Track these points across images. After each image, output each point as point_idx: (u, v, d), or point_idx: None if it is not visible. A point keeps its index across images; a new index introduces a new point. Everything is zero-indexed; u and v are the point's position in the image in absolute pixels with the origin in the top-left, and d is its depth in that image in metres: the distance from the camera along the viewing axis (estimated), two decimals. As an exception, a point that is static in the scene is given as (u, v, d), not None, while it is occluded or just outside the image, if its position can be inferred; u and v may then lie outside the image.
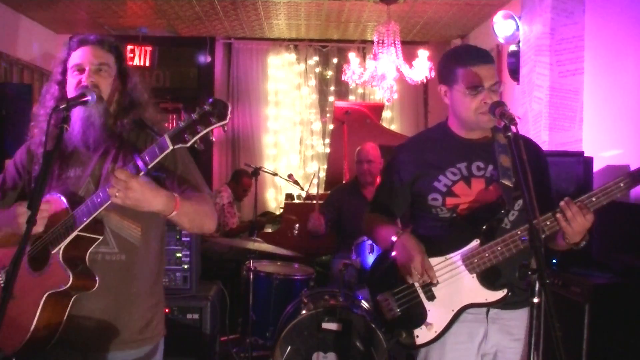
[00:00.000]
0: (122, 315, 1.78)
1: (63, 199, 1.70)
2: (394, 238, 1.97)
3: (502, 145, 1.94)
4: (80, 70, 1.79)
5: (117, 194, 1.54)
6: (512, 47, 4.63)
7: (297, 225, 4.59)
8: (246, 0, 5.41)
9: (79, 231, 1.66)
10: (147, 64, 6.59)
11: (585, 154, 3.39)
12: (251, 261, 3.76)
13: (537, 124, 4.04)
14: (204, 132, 1.50)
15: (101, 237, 1.72)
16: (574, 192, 2.71)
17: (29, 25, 6.05)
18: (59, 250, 1.67)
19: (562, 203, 1.75)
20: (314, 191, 6.18)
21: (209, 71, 7.08)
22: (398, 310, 2.00)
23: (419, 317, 1.96)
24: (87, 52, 1.81)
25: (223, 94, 7.10)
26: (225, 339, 3.90)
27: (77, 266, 1.68)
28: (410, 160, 2.04)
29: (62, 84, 1.84)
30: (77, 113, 1.75)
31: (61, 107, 1.64)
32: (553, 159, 2.55)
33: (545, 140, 3.91)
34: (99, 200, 1.61)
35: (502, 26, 4.44)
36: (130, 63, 6.48)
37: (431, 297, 1.95)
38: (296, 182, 5.66)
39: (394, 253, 1.98)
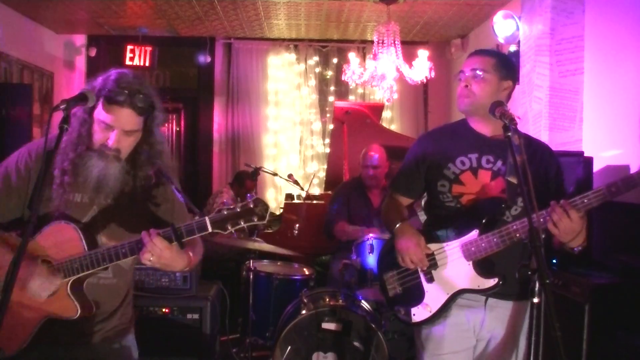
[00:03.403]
0: (99, 323, 1.87)
1: (80, 234, 1.74)
2: (397, 225, 2.15)
3: (515, 145, 2.00)
4: (109, 128, 1.75)
5: (150, 259, 1.68)
6: (512, 47, 4.64)
7: (297, 225, 4.59)
8: (246, 0, 5.40)
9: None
10: (147, 64, 6.58)
11: (585, 154, 3.39)
12: (251, 261, 3.76)
13: (537, 124, 4.04)
14: (244, 225, 1.67)
15: (106, 270, 1.82)
16: (574, 192, 2.71)
17: (29, 25, 6.05)
18: (68, 281, 1.73)
19: (552, 203, 1.80)
20: (314, 191, 6.19)
21: (209, 71, 7.08)
22: (400, 288, 2.16)
23: (417, 296, 2.11)
24: (122, 117, 1.74)
25: (223, 94, 7.10)
26: (225, 339, 3.90)
27: (78, 292, 1.76)
28: (428, 147, 2.19)
29: (89, 122, 1.78)
30: (96, 163, 1.76)
31: (61, 107, 1.64)
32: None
33: (545, 140, 3.89)
34: (123, 251, 1.72)
35: (502, 26, 4.44)
36: (130, 63, 6.47)
37: (430, 279, 2.09)
38: (296, 182, 5.65)
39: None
